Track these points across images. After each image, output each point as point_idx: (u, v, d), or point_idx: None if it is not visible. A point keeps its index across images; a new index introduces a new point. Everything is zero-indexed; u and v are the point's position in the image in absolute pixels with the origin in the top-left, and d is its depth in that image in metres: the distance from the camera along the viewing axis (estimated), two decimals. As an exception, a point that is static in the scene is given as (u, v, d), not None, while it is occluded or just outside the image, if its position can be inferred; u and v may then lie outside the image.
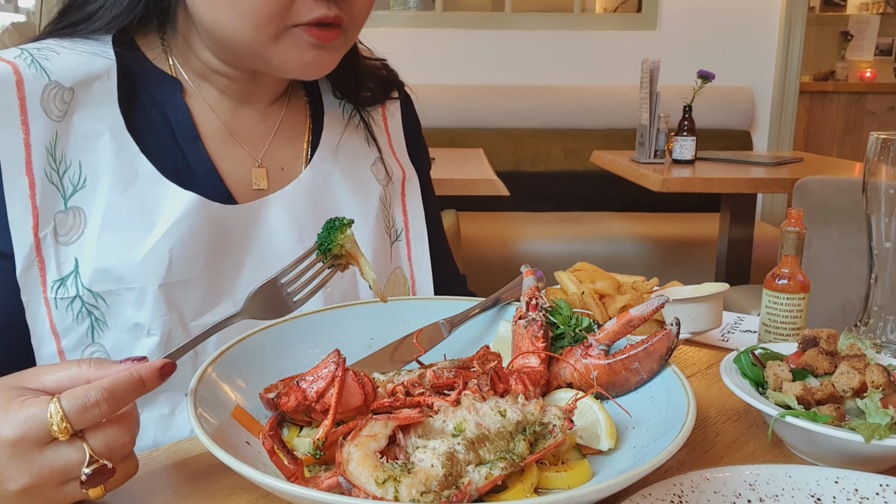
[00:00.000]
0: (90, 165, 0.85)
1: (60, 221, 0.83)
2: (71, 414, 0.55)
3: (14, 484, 0.55)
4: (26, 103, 0.82)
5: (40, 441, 0.55)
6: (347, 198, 1.00)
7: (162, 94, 0.92)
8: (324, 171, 1.00)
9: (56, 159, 0.83)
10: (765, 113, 4.39)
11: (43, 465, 0.55)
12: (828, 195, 2.19)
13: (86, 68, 0.86)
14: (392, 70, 1.12)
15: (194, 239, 0.86)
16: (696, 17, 4.25)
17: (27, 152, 0.81)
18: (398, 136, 1.11)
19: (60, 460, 0.55)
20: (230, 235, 0.90)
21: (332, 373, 0.64)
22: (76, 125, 0.85)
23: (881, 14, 6.08)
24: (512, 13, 4.29)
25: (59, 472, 0.55)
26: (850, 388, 0.71)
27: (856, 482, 0.62)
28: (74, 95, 0.85)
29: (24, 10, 4.31)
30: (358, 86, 1.05)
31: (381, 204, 1.04)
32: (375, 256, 1.01)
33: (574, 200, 4.11)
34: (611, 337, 0.74)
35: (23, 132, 0.81)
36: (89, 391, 0.55)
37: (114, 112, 0.87)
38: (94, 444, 0.56)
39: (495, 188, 2.42)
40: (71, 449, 0.55)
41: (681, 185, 2.75)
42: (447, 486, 0.55)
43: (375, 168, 1.05)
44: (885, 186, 0.92)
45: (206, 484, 0.65)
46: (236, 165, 0.95)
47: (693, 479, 0.61)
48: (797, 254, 0.93)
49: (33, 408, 0.55)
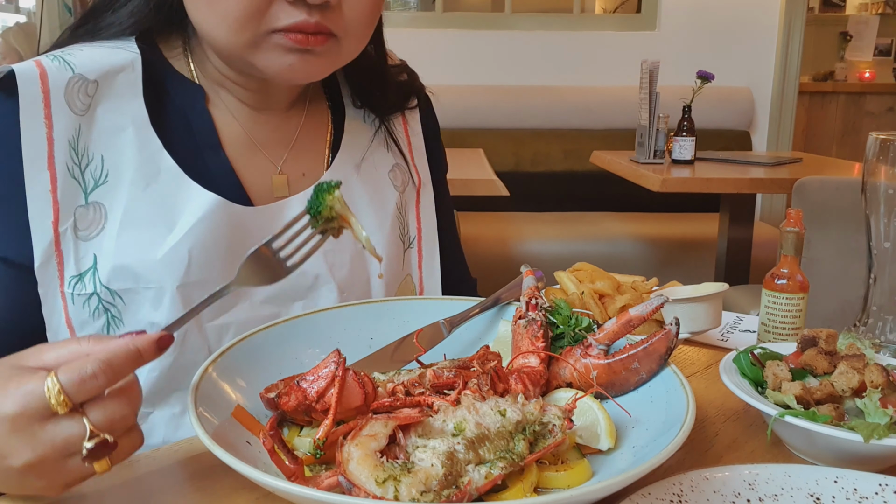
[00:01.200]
0: (112, 160, 0.84)
1: (80, 216, 0.82)
2: (68, 387, 0.54)
3: (17, 460, 0.55)
4: (50, 97, 0.81)
5: (40, 415, 0.55)
6: (364, 204, 0.99)
7: (184, 98, 0.91)
8: (343, 177, 0.98)
9: (78, 153, 0.83)
10: (764, 113, 4.39)
11: (45, 440, 0.55)
12: (827, 195, 2.19)
13: (109, 60, 0.86)
14: (412, 73, 1.11)
15: (214, 240, 0.86)
16: (696, 18, 4.25)
17: (49, 147, 0.81)
18: (418, 141, 1.10)
19: (61, 434, 0.55)
20: (249, 237, 0.89)
21: (332, 372, 0.65)
22: (99, 118, 0.84)
23: (880, 14, 6.09)
24: (512, 13, 4.29)
25: (60, 446, 0.55)
26: (850, 387, 0.71)
27: (855, 482, 0.62)
28: (98, 88, 0.84)
29: (24, 10, 4.31)
30: (381, 95, 1.04)
31: (398, 210, 1.03)
32: (389, 264, 1.00)
33: (574, 200, 4.10)
34: (610, 337, 0.74)
35: (46, 126, 0.81)
36: (86, 364, 0.55)
37: (138, 105, 0.86)
38: (95, 418, 0.56)
39: (495, 188, 2.41)
40: (71, 423, 0.55)
41: (680, 186, 2.75)
42: (447, 486, 0.55)
43: (393, 174, 1.04)
44: (884, 187, 0.92)
45: (206, 484, 0.65)
46: (257, 173, 0.94)
47: (692, 479, 0.61)
48: (796, 254, 0.94)
49: (31, 383, 0.55)
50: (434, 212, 1.09)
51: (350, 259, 0.96)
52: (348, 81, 1.04)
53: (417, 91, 1.11)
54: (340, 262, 0.95)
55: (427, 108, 1.15)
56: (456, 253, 1.18)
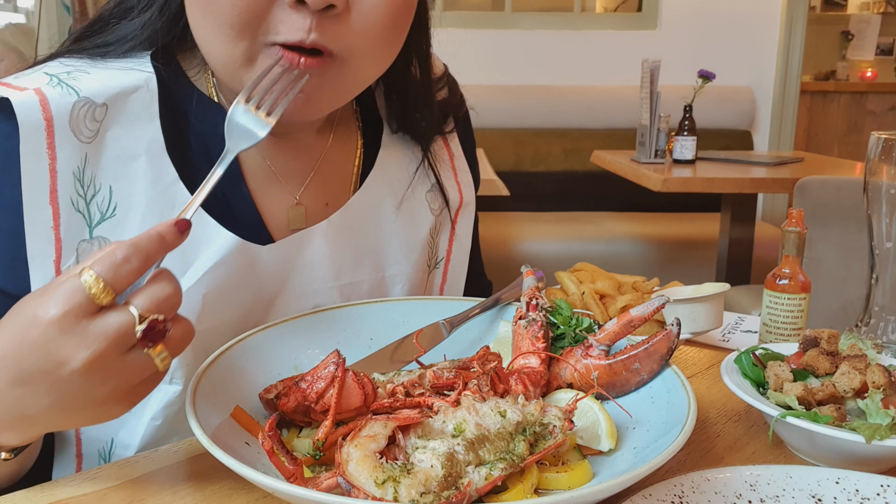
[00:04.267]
0: (122, 192, 0.78)
1: (83, 251, 0.76)
2: (104, 274, 0.53)
3: (76, 360, 0.54)
4: (53, 125, 0.74)
5: (86, 311, 0.54)
6: (396, 230, 0.94)
7: (203, 121, 0.83)
8: (374, 202, 0.92)
9: (84, 184, 0.76)
10: (765, 113, 4.39)
11: (98, 333, 0.54)
12: (829, 195, 2.19)
13: (119, 82, 0.78)
14: (453, 83, 1.04)
15: (230, 284, 0.81)
16: (697, 17, 4.25)
17: (52, 180, 0.74)
18: (461, 160, 1.03)
19: (113, 325, 0.54)
20: (265, 275, 0.84)
21: (331, 373, 0.64)
22: (109, 145, 0.77)
23: (882, 14, 6.08)
24: (512, 13, 4.29)
25: (114, 338, 0.54)
26: (851, 388, 0.71)
27: (857, 483, 0.62)
28: (108, 112, 0.77)
29: (23, 9, 4.31)
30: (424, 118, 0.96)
31: (430, 235, 0.97)
32: (412, 291, 0.96)
33: (574, 200, 4.10)
34: (611, 337, 0.74)
35: (48, 157, 0.74)
36: (114, 251, 0.54)
37: (153, 129, 0.79)
38: (140, 304, 0.55)
39: (495, 188, 2.41)
40: (119, 314, 0.54)
41: (681, 185, 2.75)
42: (447, 487, 0.55)
43: (431, 195, 0.98)
44: (886, 186, 0.92)
45: (205, 484, 0.65)
46: (277, 204, 0.88)
47: (694, 480, 0.61)
48: (798, 254, 0.93)
49: (68, 282, 0.54)
50: (470, 234, 1.03)
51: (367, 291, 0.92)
52: (387, 102, 0.97)
53: (457, 107, 1.04)
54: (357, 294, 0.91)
55: (465, 122, 1.08)
56: (477, 264, 1.13)
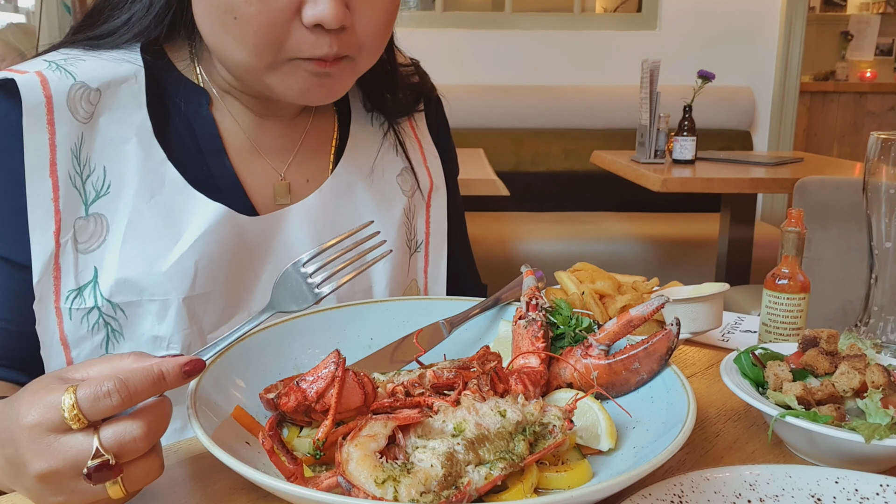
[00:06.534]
0: (115, 171, 0.83)
1: (80, 228, 0.81)
2: (83, 402, 0.54)
3: (33, 469, 0.55)
4: (53, 101, 0.80)
5: (56, 428, 0.54)
6: (369, 209, 0.98)
7: (188, 104, 0.90)
8: (346, 182, 0.98)
9: (80, 162, 0.81)
10: (765, 113, 4.39)
11: (57, 452, 0.54)
12: (828, 195, 2.19)
13: (112, 71, 0.85)
14: (424, 74, 1.09)
15: (220, 252, 0.85)
16: (697, 17, 4.25)
17: (52, 153, 0.80)
18: (429, 143, 1.08)
19: (72, 449, 0.55)
20: (251, 247, 0.89)
21: (332, 373, 0.64)
22: (102, 128, 0.83)
23: (881, 14, 6.08)
24: (512, 13, 4.29)
25: (71, 461, 0.55)
26: (851, 388, 0.71)
27: (856, 482, 0.62)
28: (101, 97, 0.83)
29: (23, 9, 4.31)
30: (392, 97, 1.02)
31: (405, 216, 1.02)
32: (394, 271, 0.99)
33: (574, 200, 4.10)
34: (611, 337, 0.74)
35: (48, 131, 0.80)
36: (104, 381, 0.55)
37: (141, 116, 0.85)
38: (104, 437, 0.55)
39: (495, 188, 2.41)
40: (83, 439, 0.55)
41: (681, 185, 2.75)
42: (447, 487, 0.55)
43: (402, 178, 1.03)
44: (885, 186, 0.92)
45: (206, 484, 0.65)
46: (260, 179, 0.93)
47: (693, 480, 0.61)
48: (797, 254, 0.93)
49: (53, 395, 0.55)
50: (445, 216, 1.07)
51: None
52: (359, 84, 1.03)
53: (428, 93, 1.09)
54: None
55: (438, 108, 1.13)
56: (466, 258, 1.16)
